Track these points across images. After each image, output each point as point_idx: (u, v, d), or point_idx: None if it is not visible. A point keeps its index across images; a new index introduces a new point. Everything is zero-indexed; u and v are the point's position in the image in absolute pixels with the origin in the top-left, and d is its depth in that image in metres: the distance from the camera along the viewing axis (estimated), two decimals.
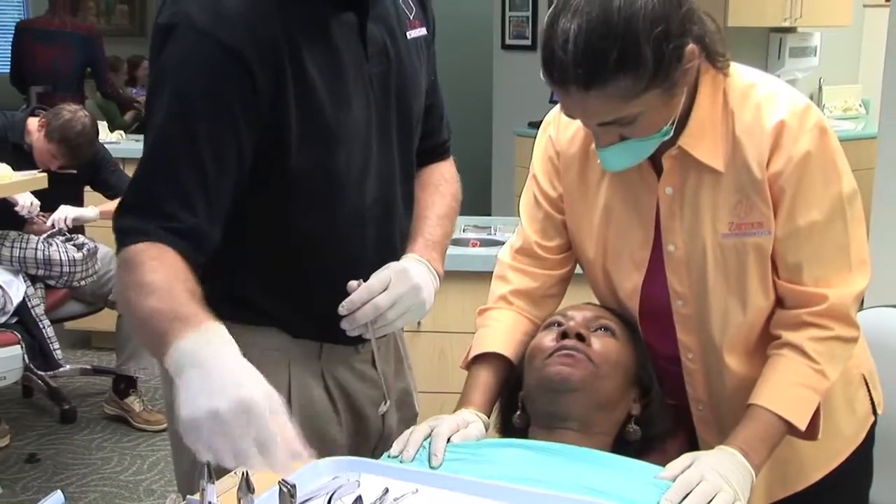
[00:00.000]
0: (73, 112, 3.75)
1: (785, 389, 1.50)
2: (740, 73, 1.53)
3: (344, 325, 1.50)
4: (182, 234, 1.38)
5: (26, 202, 3.63)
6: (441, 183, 1.75)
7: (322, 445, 1.46)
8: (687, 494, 1.34)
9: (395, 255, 1.60)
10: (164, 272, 1.33)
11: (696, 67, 1.44)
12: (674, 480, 1.37)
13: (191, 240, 1.39)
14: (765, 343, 1.57)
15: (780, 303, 1.56)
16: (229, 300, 1.48)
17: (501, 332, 1.69)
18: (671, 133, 1.46)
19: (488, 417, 1.61)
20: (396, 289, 1.51)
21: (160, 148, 1.42)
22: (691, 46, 1.39)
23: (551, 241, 1.71)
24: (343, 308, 1.49)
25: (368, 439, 1.70)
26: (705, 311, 1.57)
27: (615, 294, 1.67)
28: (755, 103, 1.49)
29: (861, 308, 1.76)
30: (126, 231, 1.39)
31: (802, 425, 1.48)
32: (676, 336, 1.62)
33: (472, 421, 1.56)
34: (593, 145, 1.53)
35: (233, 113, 1.40)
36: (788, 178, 1.47)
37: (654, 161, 1.53)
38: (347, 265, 1.54)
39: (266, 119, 1.42)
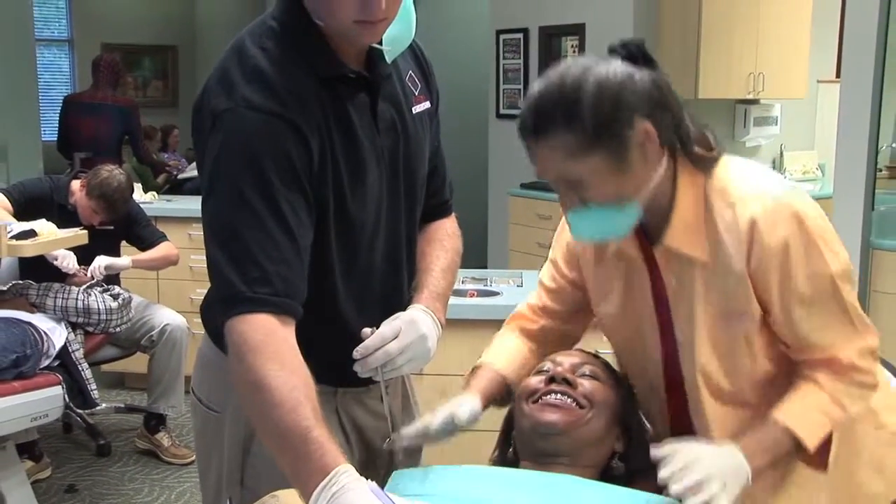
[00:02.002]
0: (109, 171, 3.79)
1: (801, 408, 1.47)
2: (719, 173, 1.48)
3: (356, 367, 1.49)
4: (278, 302, 1.37)
5: (66, 258, 3.64)
6: (444, 238, 1.74)
7: None
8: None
9: (402, 304, 1.59)
10: (284, 375, 1.31)
11: (657, 154, 1.42)
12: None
13: (287, 305, 1.38)
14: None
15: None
16: None
17: (505, 353, 1.76)
18: (632, 213, 1.44)
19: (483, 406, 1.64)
20: (406, 337, 1.50)
21: (239, 222, 1.38)
22: (645, 125, 1.38)
23: (564, 306, 1.77)
24: (357, 353, 1.48)
25: (377, 469, 1.68)
26: (739, 388, 1.55)
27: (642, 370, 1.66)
28: (731, 202, 1.44)
29: None
30: (231, 303, 1.37)
31: (810, 443, 1.45)
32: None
33: (465, 402, 1.60)
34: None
35: (300, 178, 1.40)
36: (771, 271, 1.43)
37: (648, 257, 1.54)
38: (360, 316, 1.54)
39: (315, 186, 1.43)
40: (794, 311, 1.45)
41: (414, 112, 1.60)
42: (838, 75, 4.60)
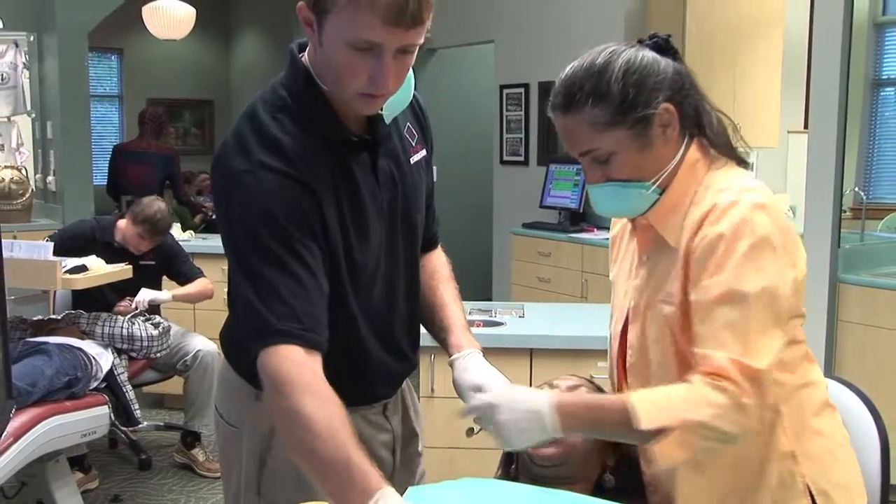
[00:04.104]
0: (150, 200, 3.88)
1: (653, 391, 1.34)
2: (719, 173, 1.42)
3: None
4: (306, 336, 1.35)
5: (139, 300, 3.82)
6: (441, 269, 1.76)
7: None
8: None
9: (393, 337, 1.61)
10: (319, 404, 1.29)
11: (676, 137, 1.39)
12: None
13: (313, 339, 1.36)
14: None
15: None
16: None
17: None
18: (650, 194, 1.40)
19: None
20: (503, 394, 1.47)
21: (263, 268, 1.37)
22: (666, 105, 1.36)
23: None
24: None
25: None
26: (646, 363, 1.47)
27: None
28: (711, 193, 1.38)
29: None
30: (260, 334, 1.35)
31: (643, 420, 1.28)
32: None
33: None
34: (624, 221, 1.55)
35: (313, 228, 1.40)
36: (699, 256, 1.33)
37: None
38: (358, 349, 1.55)
39: (327, 236, 1.43)
40: (697, 299, 1.33)
41: (412, 162, 1.60)
42: (806, 126, 4.63)
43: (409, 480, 1.75)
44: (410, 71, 1.47)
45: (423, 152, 1.63)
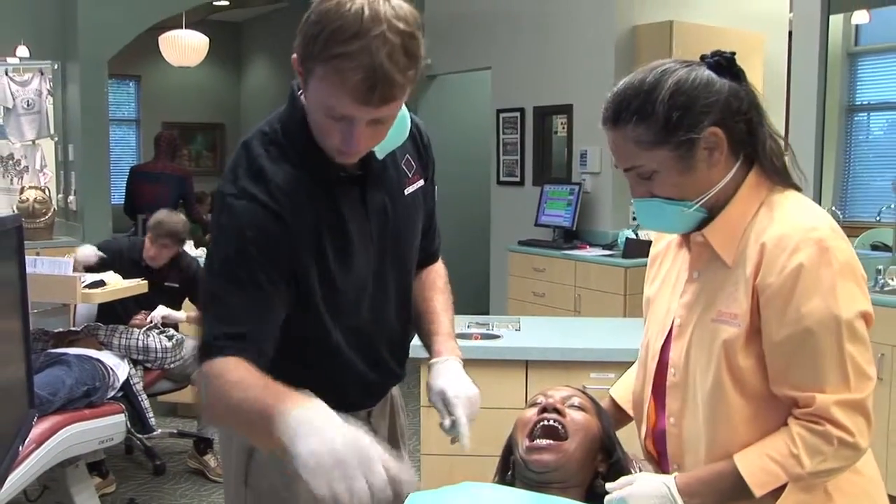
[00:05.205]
0: (167, 214, 3.98)
1: (758, 454, 1.29)
2: (781, 197, 1.34)
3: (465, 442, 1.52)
4: (250, 350, 1.38)
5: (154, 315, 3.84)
6: (437, 280, 1.76)
7: None
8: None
9: (379, 353, 1.62)
10: (251, 375, 1.33)
11: (726, 160, 1.32)
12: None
13: (258, 353, 1.39)
14: (756, 427, 1.33)
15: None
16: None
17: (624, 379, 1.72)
18: (696, 212, 1.34)
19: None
20: (473, 406, 1.54)
21: (225, 289, 1.41)
22: (713, 129, 1.29)
23: None
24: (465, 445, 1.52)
25: None
26: (691, 383, 1.39)
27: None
28: (772, 217, 1.31)
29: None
30: (207, 350, 1.39)
31: (757, 490, 1.27)
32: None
33: None
34: (668, 239, 1.50)
35: (279, 258, 1.41)
36: (779, 290, 1.26)
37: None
38: (340, 363, 1.56)
39: (296, 264, 1.44)
40: (785, 336, 1.26)
41: (406, 193, 1.59)
42: (786, 150, 4.64)
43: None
44: (404, 110, 1.47)
45: (420, 182, 1.62)
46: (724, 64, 1.34)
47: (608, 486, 1.41)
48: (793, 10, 4.18)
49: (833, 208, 4.36)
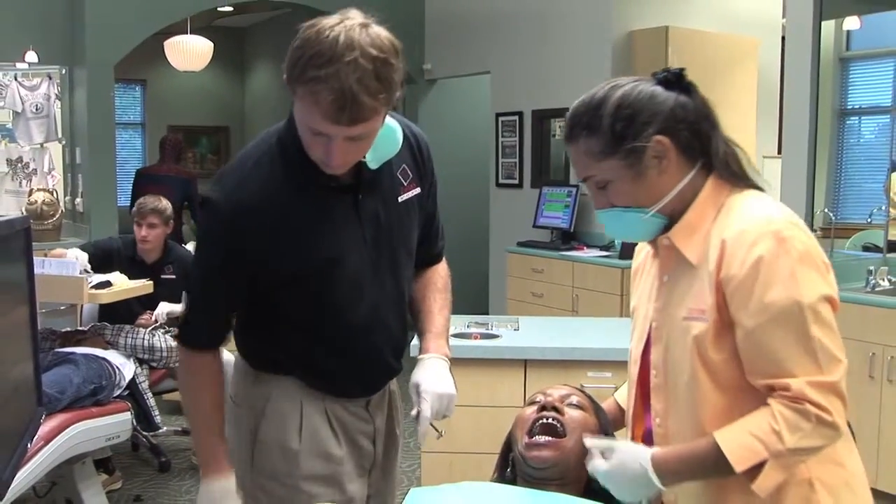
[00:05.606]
0: (148, 199, 4.04)
1: (739, 430, 1.29)
2: (746, 196, 1.37)
3: (420, 439, 1.64)
4: (214, 344, 1.64)
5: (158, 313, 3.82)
6: (437, 280, 1.81)
7: (326, 459, 1.64)
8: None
9: (376, 349, 1.68)
10: (209, 394, 1.63)
11: (677, 166, 1.36)
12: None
13: (216, 343, 1.65)
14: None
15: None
16: (267, 360, 1.66)
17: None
18: (654, 218, 1.38)
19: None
20: (442, 403, 1.61)
21: (199, 289, 1.64)
22: (658, 137, 1.34)
23: None
24: (420, 440, 1.63)
25: (363, 464, 1.73)
26: (672, 383, 1.40)
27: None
28: (732, 215, 1.34)
29: None
30: (183, 339, 1.66)
31: (737, 466, 1.27)
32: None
33: None
34: (646, 252, 1.53)
35: (245, 261, 1.54)
36: (742, 283, 1.28)
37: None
38: (342, 358, 1.65)
39: (261, 268, 1.55)
40: (753, 326, 1.28)
41: (400, 201, 1.64)
42: (779, 152, 4.65)
43: (392, 472, 1.81)
44: (395, 124, 1.55)
45: (417, 190, 1.67)
46: (672, 79, 1.38)
47: (587, 441, 1.44)
48: (786, 15, 4.19)
49: (825, 210, 4.37)
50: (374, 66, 1.35)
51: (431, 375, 1.62)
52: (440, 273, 1.82)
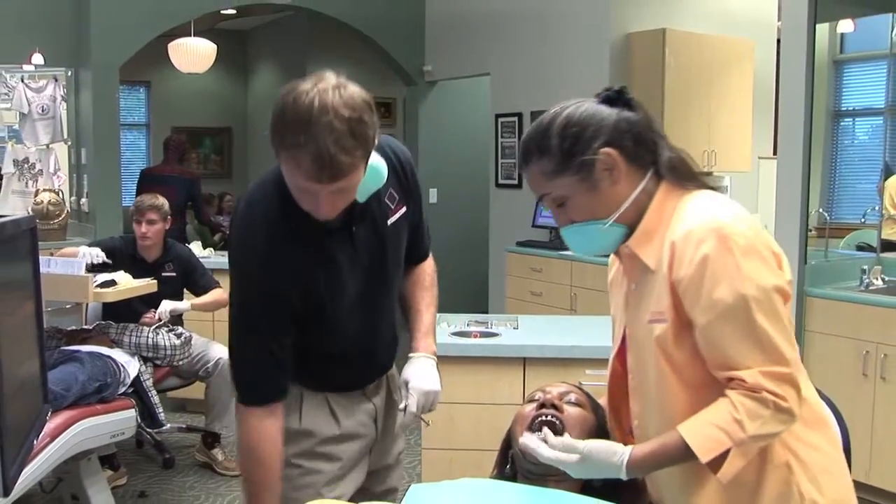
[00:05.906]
0: (145, 196, 4.02)
1: (702, 422, 1.32)
2: (696, 197, 1.41)
3: (404, 419, 1.74)
4: (274, 397, 1.65)
5: (161, 311, 3.82)
6: (425, 278, 1.91)
7: (326, 438, 1.74)
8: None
9: (372, 352, 1.81)
10: (265, 469, 1.65)
11: (628, 176, 1.39)
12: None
13: (279, 395, 1.66)
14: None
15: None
16: None
17: None
18: (614, 227, 1.41)
19: None
20: (427, 399, 1.73)
21: (241, 345, 1.66)
22: (606, 150, 1.38)
23: None
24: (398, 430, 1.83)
25: (364, 447, 1.83)
26: (648, 385, 1.43)
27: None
28: (682, 218, 1.37)
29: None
30: (242, 390, 1.65)
31: (703, 456, 1.29)
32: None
33: None
34: (617, 264, 1.55)
35: (286, 306, 1.62)
36: (691, 282, 1.32)
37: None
38: (339, 367, 1.77)
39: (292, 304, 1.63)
40: (705, 323, 1.31)
41: (390, 223, 1.72)
42: (775, 153, 4.65)
43: (390, 449, 1.90)
44: (380, 162, 1.60)
45: (403, 209, 1.76)
46: (614, 96, 1.43)
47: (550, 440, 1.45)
48: (781, 18, 4.19)
49: (820, 210, 4.37)
50: (349, 126, 1.42)
51: (419, 373, 1.73)
52: (427, 270, 1.91)
